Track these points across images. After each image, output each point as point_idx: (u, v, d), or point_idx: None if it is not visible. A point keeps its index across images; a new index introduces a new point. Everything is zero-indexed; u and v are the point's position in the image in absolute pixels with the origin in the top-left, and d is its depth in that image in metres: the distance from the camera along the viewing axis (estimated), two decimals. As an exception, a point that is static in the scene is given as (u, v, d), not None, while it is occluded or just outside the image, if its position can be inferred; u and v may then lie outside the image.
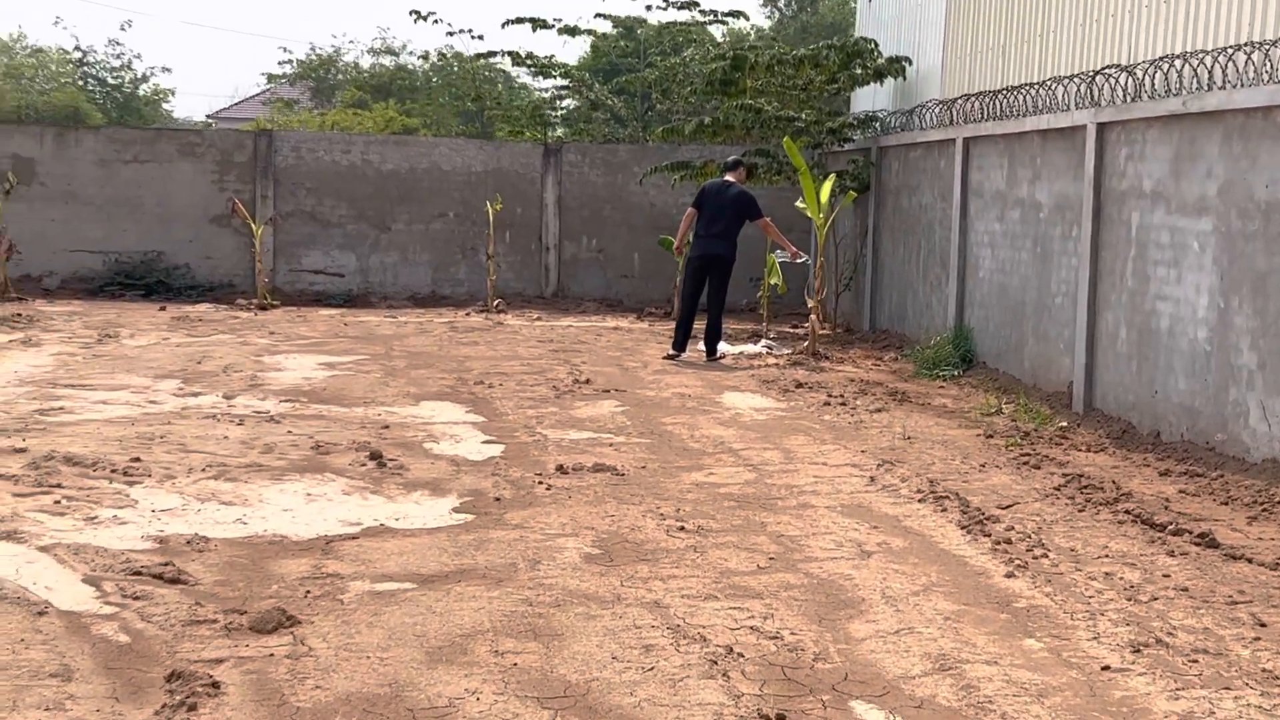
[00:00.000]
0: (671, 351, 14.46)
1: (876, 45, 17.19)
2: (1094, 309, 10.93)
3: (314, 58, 51.86)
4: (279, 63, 58.60)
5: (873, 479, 8.52)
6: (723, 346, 14.98)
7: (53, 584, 5.85)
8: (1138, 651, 5.35)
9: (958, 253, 14.14)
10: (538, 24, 23.46)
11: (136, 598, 5.67)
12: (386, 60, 44.18)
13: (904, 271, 16.23)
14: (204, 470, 8.19)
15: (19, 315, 16.08)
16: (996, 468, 8.94)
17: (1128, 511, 7.61)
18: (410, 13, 24.38)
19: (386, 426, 9.94)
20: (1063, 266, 11.66)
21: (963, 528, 7.27)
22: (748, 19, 25.10)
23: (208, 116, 66.73)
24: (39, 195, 19.43)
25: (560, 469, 8.54)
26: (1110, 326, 10.67)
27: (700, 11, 24.34)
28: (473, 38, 28.20)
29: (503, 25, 23.76)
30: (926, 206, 15.40)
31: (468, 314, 18.60)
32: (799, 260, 15.17)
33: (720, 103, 17.94)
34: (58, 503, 7.24)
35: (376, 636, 5.28)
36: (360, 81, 46.22)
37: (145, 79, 61.22)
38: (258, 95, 64.50)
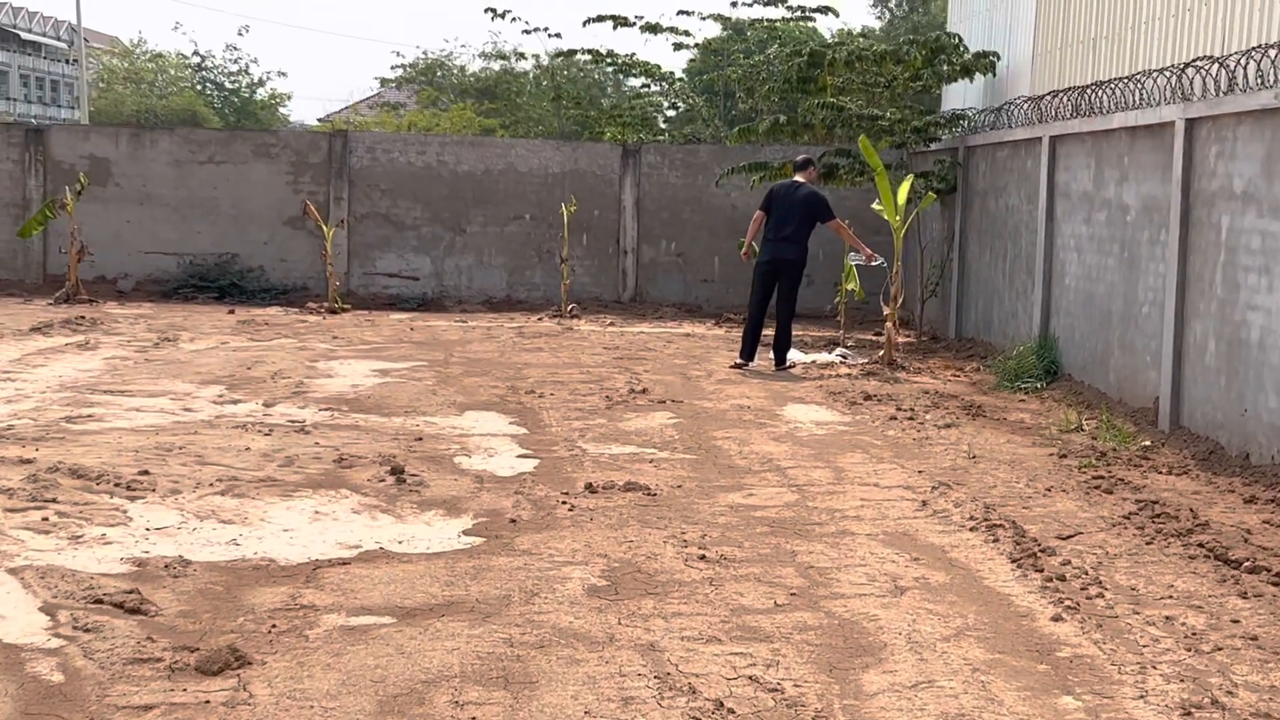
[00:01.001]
0: (739, 360, 13.83)
1: (961, 40, 16.43)
2: (1181, 319, 10.15)
3: (423, 61, 51.95)
4: (391, 67, 58.92)
5: (924, 503, 7.87)
6: (794, 355, 14.35)
7: (7, 611, 5.44)
8: (1188, 715, 4.68)
9: (1043, 258, 13.38)
10: (619, 22, 22.96)
11: (88, 630, 5.24)
12: (496, 64, 43.98)
13: (990, 277, 15.46)
14: (213, 485, 7.79)
15: (82, 318, 15.93)
16: (1064, 492, 8.23)
17: (1201, 544, 6.89)
18: (485, 10, 24.05)
19: (420, 439, 9.48)
20: (1150, 273, 10.88)
21: (1014, 561, 6.61)
22: (837, 15, 24.37)
23: (319, 120, 67.30)
24: (114, 196, 19.34)
25: (589, 487, 8.02)
26: (1198, 338, 9.89)
27: (788, 8, 23.67)
28: (550, 36, 27.78)
29: (584, 23, 23.31)
30: (1013, 209, 14.64)
31: (540, 319, 18.15)
32: (874, 264, 14.48)
33: (801, 100, 17.30)
34: (46, 519, 6.86)
35: (329, 682, 4.79)
36: (466, 85, 46.12)
37: (262, 83, 61.95)
38: (367, 99, 64.97)
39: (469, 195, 19.80)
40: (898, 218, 14.21)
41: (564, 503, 7.65)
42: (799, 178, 14.17)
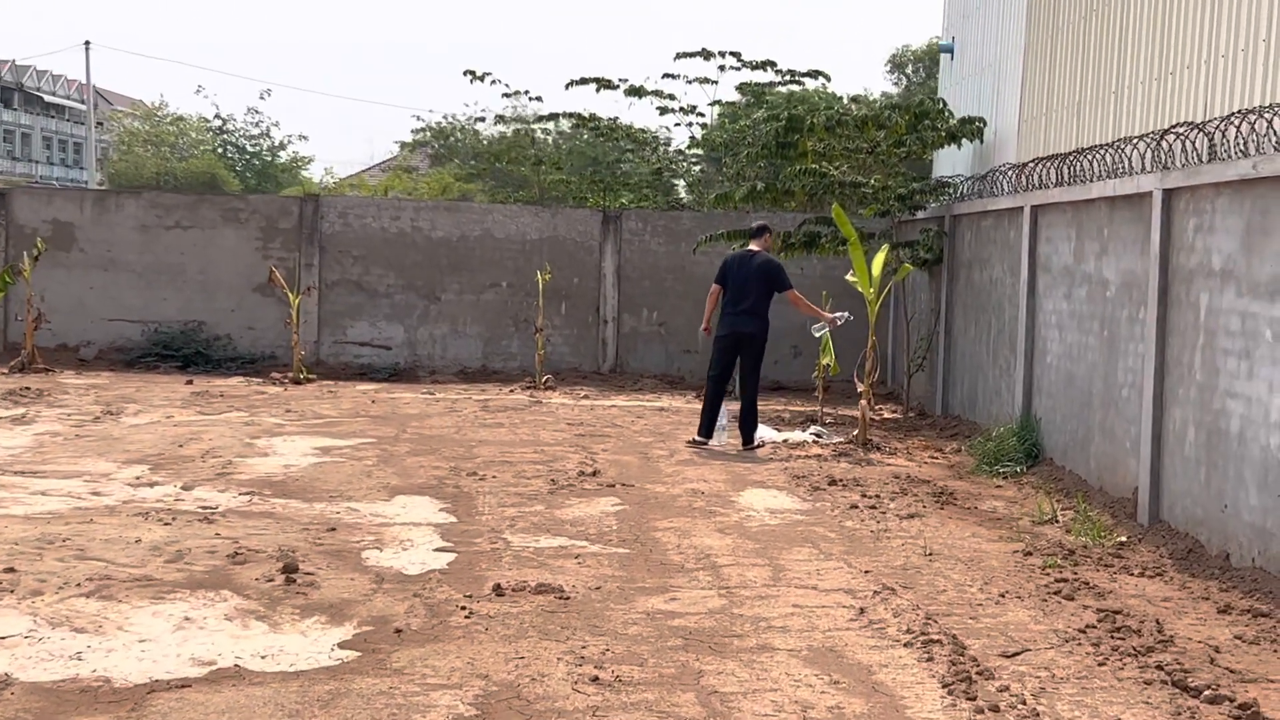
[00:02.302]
0: (697, 438, 13.15)
1: (946, 105, 15.83)
2: (1160, 404, 9.42)
3: (442, 125, 51.76)
4: (411, 131, 58.67)
5: (862, 610, 7.13)
6: (765, 433, 13.65)
7: None
8: None
9: (1025, 334, 12.68)
10: (602, 84, 22.44)
11: None
12: (503, 128, 43.59)
13: (975, 352, 14.76)
14: (81, 585, 7.09)
15: (27, 389, 15.31)
16: (1019, 599, 7.48)
17: (1160, 667, 6.14)
18: (465, 72, 23.60)
19: (333, 529, 8.79)
20: (1129, 354, 10.17)
21: (945, 685, 5.87)
22: (829, 79, 23.80)
23: (334, 183, 67.53)
24: (78, 262, 18.81)
25: (497, 589, 7.30)
26: (1178, 426, 9.16)
27: (778, 72, 23.11)
28: (530, 99, 27.27)
29: (566, 86, 22.82)
30: (996, 281, 13.96)
31: (511, 391, 17.48)
32: (840, 322, 13.84)
33: (783, 166, 16.70)
34: None
35: None
36: (478, 149, 45.78)
37: (283, 146, 61.89)
38: (381, 164, 64.90)
39: (444, 262, 19.22)
40: (872, 289, 13.53)
41: (463, 608, 6.94)
42: (754, 246, 13.57)
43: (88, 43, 58.53)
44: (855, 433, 13.53)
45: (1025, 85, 15.09)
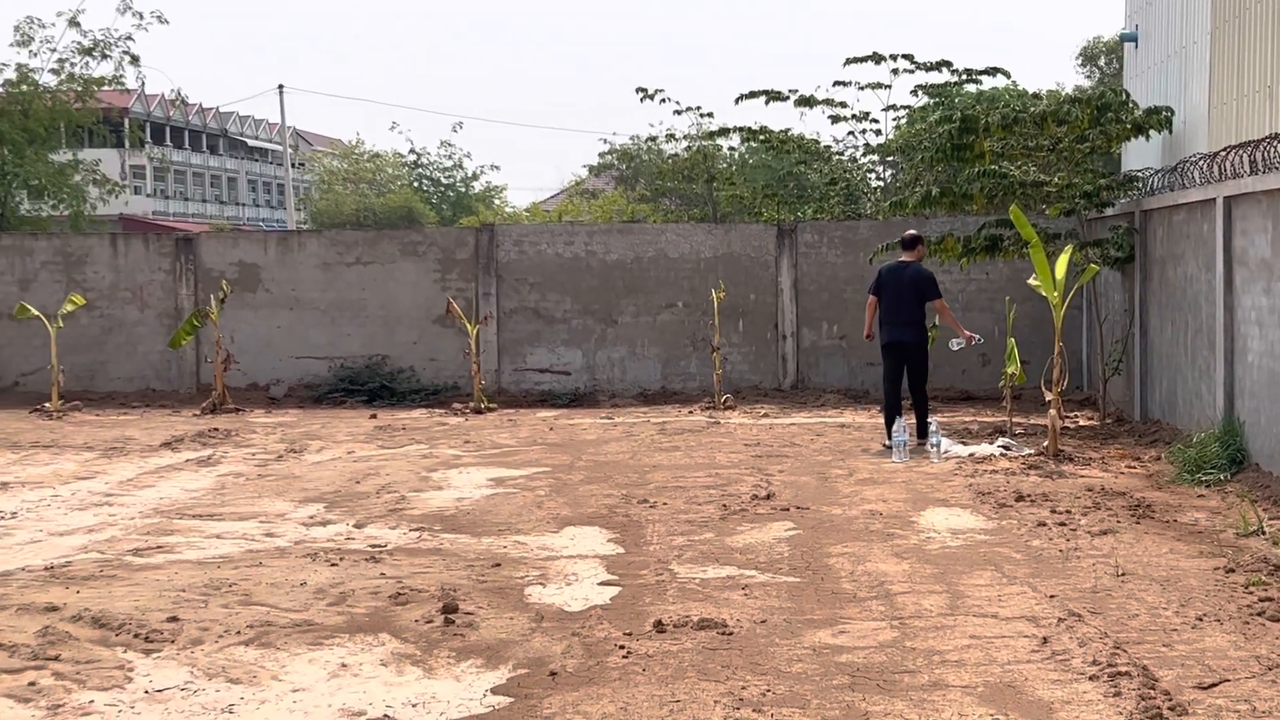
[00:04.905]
0: (886, 443, 13.58)
1: (1129, 96, 15.07)
2: (1373, 403, 8.70)
3: (625, 147, 51.92)
4: (599, 154, 59.25)
5: (1045, 640, 6.67)
6: (954, 448, 13.21)
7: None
8: None
9: (1224, 332, 11.96)
10: (772, 96, 22.12)
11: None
12: (675, 147, 43.47)
13: (1173, 353, 14.00)
14: (240, 633, 7.06)
15: (215, 430, 15.65)
16: (1218, 622, 6.92)
17: (1378, 700, 5.57)
18: (636, 90, 23.54)
19: (498, 564, 8.66)
20: (1337, 349, 9.45)
21: (1133, 726, 5.41)
22: (1009, 76, 23.04)
23: (525, 210, 68.37)
24: (264, 302, 19.25)
25: (658, 626, 7.05)
26: (1393, 426, 8.44)
27: (953, 71, 22.47)
28: (701, 115, 27.03)
29: (736, 100, 22.58)
30: (1191, 278, 13.21)
31: (691, 412, 17.26)
32: (973, 343, 14.15)
33: (960, 169, 16.14)
34: (34, 684, 6.22)
35: None
36: (661, 169, 45.76)
37: (475, 177, 62.99)
38: (566, 190, 65.50)
39: (619, 285, 19.12)
40: (1056, 293, 12.91)
41: (621, 647, 6.70)
42: (906, 257, 14.14)
43: (281, 86, 60.44)
44: (1046, 444, 12.93)
45: (1213, 70, 14.29)
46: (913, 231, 14.55)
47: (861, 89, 22.90)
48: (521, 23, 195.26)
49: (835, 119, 22.73)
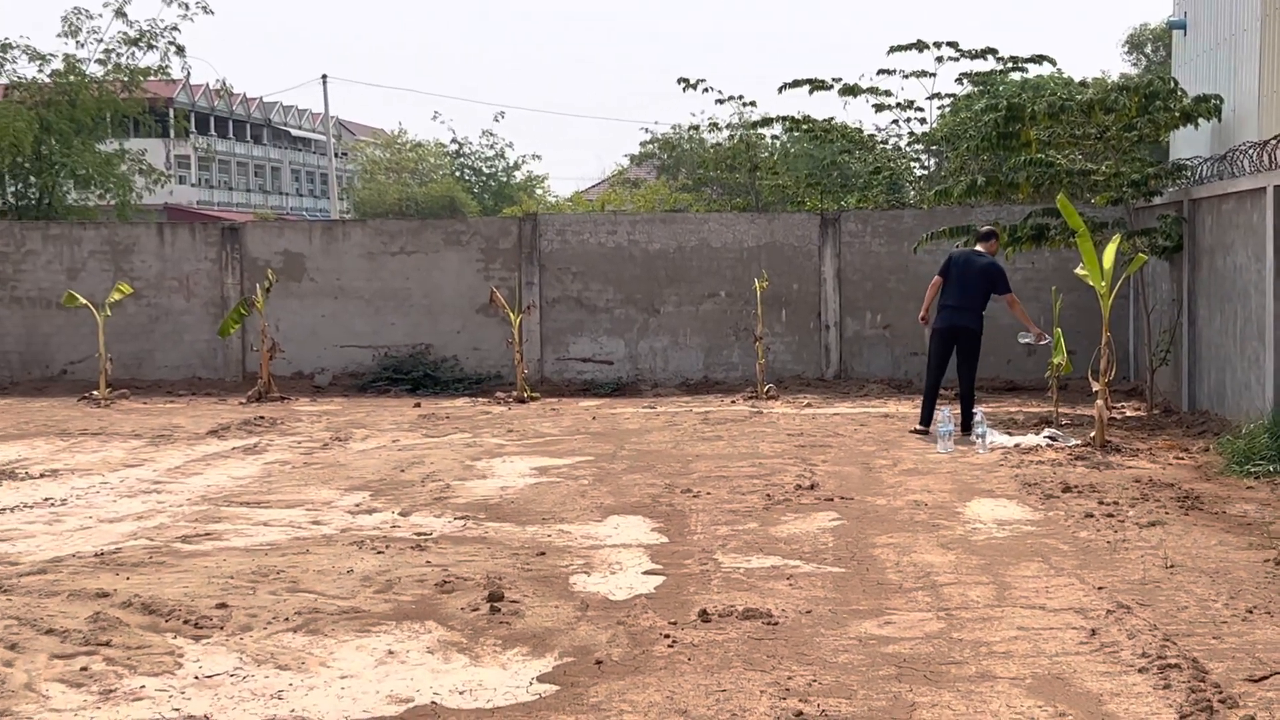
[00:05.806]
0: (919, 427, 13.91)
1: (1177, 84, 14.93)
2: None
3: (668, 137, 51.87)
4: (640, 144, 59.21)
5: (1093, 632, 6.63)
6: (997, 438, 13.14)
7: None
8: None
9: (1274, 322, 11.84)
10: (816, 85, 22.04)
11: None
12: (718, 136, 43.38)
13: (1221, 344, 13.87)
14: (289, 619, 7.11)
15: (262, 418, 15.75)
16: (1268, 614, 6.86)
17: None
18: (678, 80, 23.49)
19: (543, 553, 8.68)
20: (1390, 340, 9.33)
21: (1183, 716, 5.37)
22: (1054, 64, 22.87)
23: (568, 200, 68.55)
24: (309, 291, 19.35)
25: (703, 615, 7.05)
26: None
27: (998, 59, 22.32)
28: (743, 105, 26.93)
29: (779, 89, 22.43)
30: (1241, 268, 13.08)
31: (733, 401, 17.24)
32: (1042, 342, 14.30)
33: (1007, 158, 16.04)
34: (86, 669, 6.28)
35: None
36: (703, 158, 45.68)
37: (517, 166, 63.12)
38: (608, 179, 65.50)
39: (661, 274, 19.11)
40: (1104, 283, 12.82)
41: (666, 636, 6.71)
42: (980, 248, 14.19)
43: (324, 76, 60.79)
44: (1092, 434, 12.84)
45: (1264, 57, 14.14)
46: (990, 227, 14.79)
47: (906, 77, 22.81)
48: (563, 10, 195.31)
49: (879, 108, 22.64)
